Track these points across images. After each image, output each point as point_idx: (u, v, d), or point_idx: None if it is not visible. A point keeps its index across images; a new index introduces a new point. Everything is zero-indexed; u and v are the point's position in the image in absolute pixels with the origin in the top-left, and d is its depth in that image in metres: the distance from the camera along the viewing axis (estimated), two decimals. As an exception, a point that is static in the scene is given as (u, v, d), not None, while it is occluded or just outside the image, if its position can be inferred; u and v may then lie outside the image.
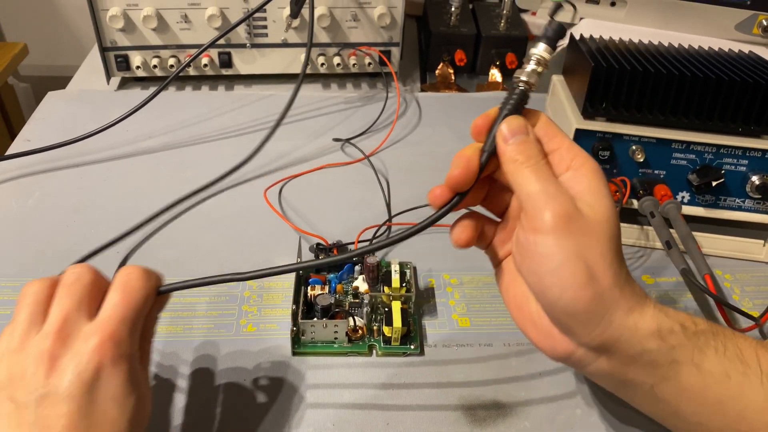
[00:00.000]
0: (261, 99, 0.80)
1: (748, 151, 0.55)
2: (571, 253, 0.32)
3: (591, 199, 0.34)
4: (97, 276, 0.35)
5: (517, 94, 0.35)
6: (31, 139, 0.70)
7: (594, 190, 0.34)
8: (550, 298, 0.33)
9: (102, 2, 0.74)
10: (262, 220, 0.60)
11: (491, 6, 0.94)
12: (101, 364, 0.31)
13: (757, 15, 0.71)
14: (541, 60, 0.35)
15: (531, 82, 0.35)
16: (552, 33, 0.35)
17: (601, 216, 0.33)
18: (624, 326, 0.33)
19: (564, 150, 0.35)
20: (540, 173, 0.34)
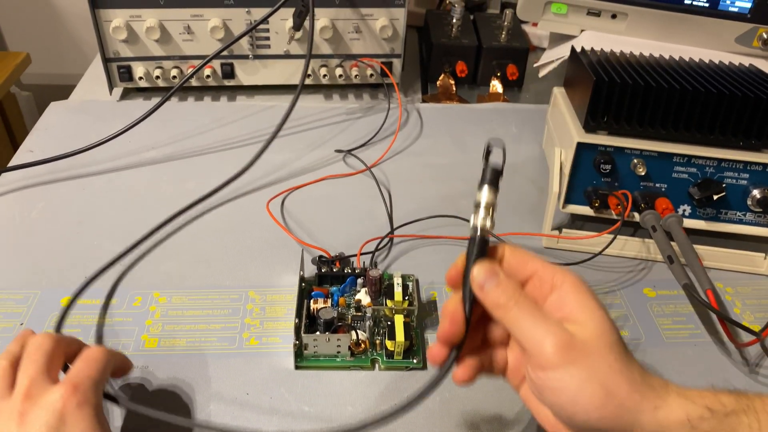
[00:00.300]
0: (263, 110, 0.80)
1: (749, 164, 0.55)
2: (583, 378, 0.33)
3: (583, 317, 0.34)
4: (57, 343, 0.39)
5: (478, 242, 0.36)
6: (34, 150, 0.71)
7: (582, 306, 0.35)
8: (578, 423, 0.34)
9: (105, 13, 0.74)
10: (265, 231, 0.60)
11: (492, 17, 0.94)
12: (65, 410, 0.35)
13: (757, 28, 0.71)
14: (489, 205, 0.36)
15: (487, 229, 0.36)
16: (491, 176, 0.37)
17: (596, 330, 0.34)
18: (654, 424, 0.33)
19: (541, 272, 0.36)
20: (526, 311, 0.34)
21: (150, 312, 0.52)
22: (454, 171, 0.71)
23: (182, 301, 0.53)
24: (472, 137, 0.77)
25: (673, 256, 0.53)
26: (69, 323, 0.50)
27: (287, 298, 0.53)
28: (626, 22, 0.74)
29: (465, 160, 0.73)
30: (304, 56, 0.80)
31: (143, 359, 0.48)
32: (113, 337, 0.49)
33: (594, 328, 0.34)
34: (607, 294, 0.56)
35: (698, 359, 0.50)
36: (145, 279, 0.55)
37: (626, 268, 0.59)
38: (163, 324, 0.51)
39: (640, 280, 0.58)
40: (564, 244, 0.60)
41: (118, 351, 0.42)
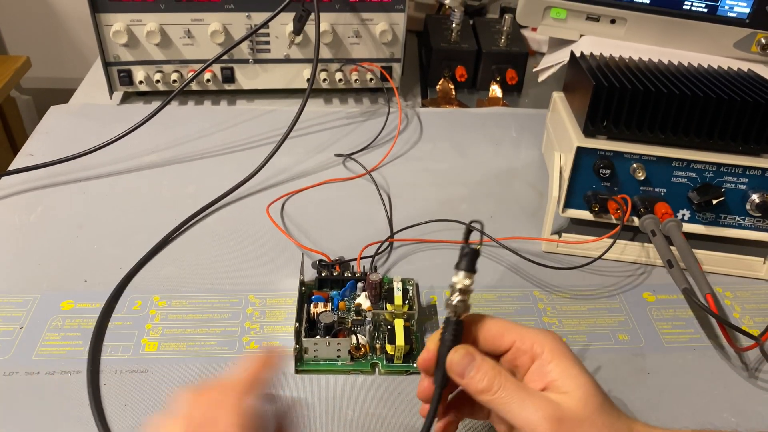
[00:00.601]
0: (263, 114, 0.80)
1: (748, 169, 0.55)
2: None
3: (567, 385, 0.35)
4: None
5: (452, 326, 0.36)
6: (34, 154, 0.71)
7: (565, 373, 0.35)
8: None
9: (106, 17, 0.74)
10: (265, 235, 0.60)
11: (492, 22, 0.94)
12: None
13: (755, 33, 0.71)
14: (464, 289, 0.36)
15: (460, 312, 0.36)
16: (468, 261, 0.36)
17: (583, 396, 0.34)
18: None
19: (519, 342, 0.36)
20: (511, 392, 0.34)
21: (150, 316, 0.52)
22: (454, 175, 0.71)
23: (182, 305, 0.53)
24: (471, 142, 0.77)
25: (673, 261, 0.53)
26: (69, 327, 0.50)
27: (287, 302, 0.53)
28: (625, 27, 0.74)
29: (465, 164, 0.73)
30: (305, 61, 0.81)
31: (143, 363, 0.48)
32: (113, 341, 0.49)
33: (581, 395, 0.34)
34: (606, 298, 0.56)
35: (698, 364, 0.50)
36: (145, 283, 0.55)
37: (626, 272, 0.59)
38: (163, 328, 0.51)
39: (639, 285, 0.58)
40: (563, 248, 0.60)
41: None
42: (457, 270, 0.36)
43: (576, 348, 0.51)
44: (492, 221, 0.64)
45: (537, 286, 0.57)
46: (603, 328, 0.53)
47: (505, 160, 0.74)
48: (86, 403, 0.44)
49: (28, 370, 0.47)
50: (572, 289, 0.57)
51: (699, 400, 0.47)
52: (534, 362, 0.36)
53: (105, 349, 0.49)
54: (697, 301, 0.50)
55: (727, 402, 0.47)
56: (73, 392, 0.45)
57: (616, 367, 0.50)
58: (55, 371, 0.47)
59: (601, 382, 0.36)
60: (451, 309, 0.36)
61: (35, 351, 0.48)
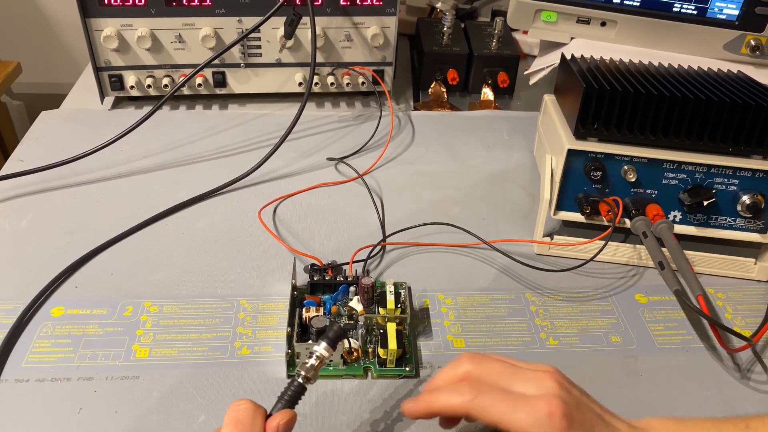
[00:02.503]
0: (255, 118, 0.80)
1: (738, 170, 0.56)
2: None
3: None
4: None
5: (295, 386, 0.38)
6: (25, 160, 0.70)
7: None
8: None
9: (96, 22, 0.74)
10: (256, 240, 0.60)
11: (483, 25, 0.94)
12: None
13: (745, 35, 0.72)
14: (321, 358, 0.39)
15: (309, 377, 0.38)
16: (333, 335, 0.39)
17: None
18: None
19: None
20: (492, 395, 0.37)
21: (141, 322, 0.51)
22: (446, 178, 0.71)
23: (174, 311, 0.53)
24: (463, 145, 0.77)
25: (664, 262, 0.53)
26: (59, 333, 0.50)
27: (279, 306, 0.53)
28: (616, 30, 0.74)
29: (457, 167, 0.73)
30: (296, 65, 0.80)
31: (134, 369, 0.47)
32: (104, 347, 0.49)
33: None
34: (598, 300, 0.56)
35: (690, 365, 0.50)
36: (136, 288, 0.55)
37: (618, 274, 0.59)
38: (154, 334, 0.50)
39: (631, 286, 0.58)
40: (555, 250, 0.60)
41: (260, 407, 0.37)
42: (321, 340, 0.39)
43: (568, 350, 0.51)
44: (484, 224, 0.64)
45: (529, 288, 0.57)
46: (595, 330, 0.53)
47: (496, 163, 0.74)
48: (77, 410, 0.44)
49: (18, 377, 0.46)
50: (564, 291, 0.57)
51: (691, 401, 0.47)
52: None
53: (96, 356, 0.48)
54: (688, 302, 0.50)
55: (719, 403, 0.47)
56: (63, 400, 0.45)
57: (608, 369, 0.50)
58: (45, 378, 0.46)
59: (594, 384, 0.36)
60: (304, 371, 0.38)
61: (25, 358, 0.48)
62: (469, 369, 0.39)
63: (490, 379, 0.38)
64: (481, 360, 0.39)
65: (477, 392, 0.37)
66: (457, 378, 0.39)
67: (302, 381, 0.38)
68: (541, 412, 0.35)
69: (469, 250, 0.61)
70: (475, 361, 0.39)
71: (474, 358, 0.39)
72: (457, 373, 0.39)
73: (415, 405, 0.39)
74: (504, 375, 0.38)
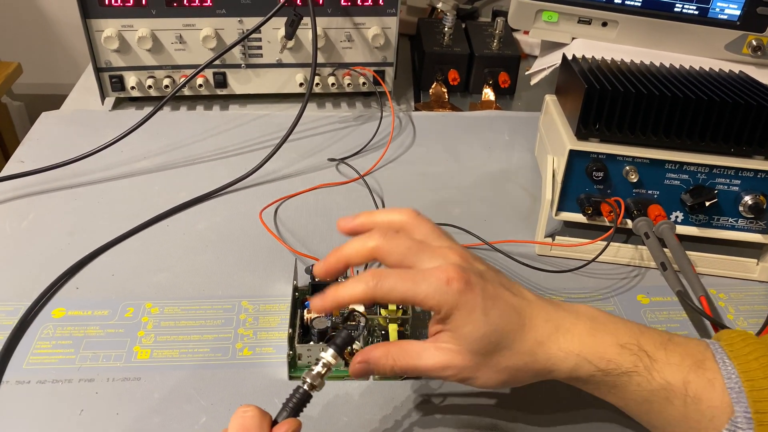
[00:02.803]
0: (256, 119, 0.80)
1: (740, 171, 0.56)
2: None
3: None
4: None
5: (300, 394, 0.37)
6: (25, 161, 0.70)
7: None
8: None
9: (97, 23, 0.74)
10: (258, 241, 0.60)
11: (484, 25, 0.94)
12: None
13: (746, 35, 0.72)
14: (328, 365, 0.38)
15: (315, 384, 0.38)
16: (341, 341, 0.39)
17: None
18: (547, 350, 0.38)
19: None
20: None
21: (142, 323, 0.51)
22: (447, 179, 0.71)
23: (175, 312, 0.52)
24: (464, 145, 0.77)
25: (666, 263, 0.53)
26: (60, 335, 0.50)
27: (281, 308, 0.53)
28: (617, 30, 0.74)
29: (458, 168, 0.73)
30: (297, 65, 0.80)
31: (135, 371, 0.47)
32: (105, 348, 0.49)
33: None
34: (600, 301, 0.56)
35: (692, 366, 0.50)
36: (138, 290, 0.54)
37: (620, 275, 0.59)
38: (155, 335, 0.50)
39: (633, 287, 0.58)
40: (557, 251, 0.60)
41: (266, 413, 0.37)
42: (328, 346, 0.39)
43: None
44: (485, 224, 0.64)
45: (531, 289, 0.57)
46: (597, 331, 0.53)
47: (498, 164, 0.74)
48: (78, 412, 0.44)
49: (19, 379, 0.46)
50: (566, 292, 0.57)
51: (694, 402, 0.47)
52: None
53: (97, 357, 0.48)
54: (691, 303, 0.50)
55: (721, 404, 0.47)
56: (64, 401, 0.45)
57: (610, 370, 0.49)
58: (46, 380, 0.46)
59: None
60: (309, 378, 0.38)
61: (26, 360, 0.48)
62: (378, 243, 0.39)
63: (395, 257, 0.39)
64: (392, 237, 0.40)
65: (378, 278, 0.38)
66: (366, 250, 0.40)
67: (307, 388, 0.38)
68: (440, 280, 0.37)
69: (470, 250, 0.60)
70: (386, 236, 0.40)
71: (385, 233, 0.40)
72: (367, 245, 0.40)
73: (322, 301, 0.39)
74: (410, 251, 0.39)
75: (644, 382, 0.37)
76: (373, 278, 0.38)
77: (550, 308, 0.40)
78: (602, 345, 0.38)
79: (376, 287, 0.38)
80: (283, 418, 0.36)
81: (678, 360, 0.38)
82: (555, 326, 0.39)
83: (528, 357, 0.38)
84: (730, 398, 0.36)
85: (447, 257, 0.39)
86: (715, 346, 0.39)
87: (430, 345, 0.39)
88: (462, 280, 0.37)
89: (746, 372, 0.37)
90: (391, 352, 0.39)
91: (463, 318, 0.37)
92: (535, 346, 0.38)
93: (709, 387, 0.37)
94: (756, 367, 0.37)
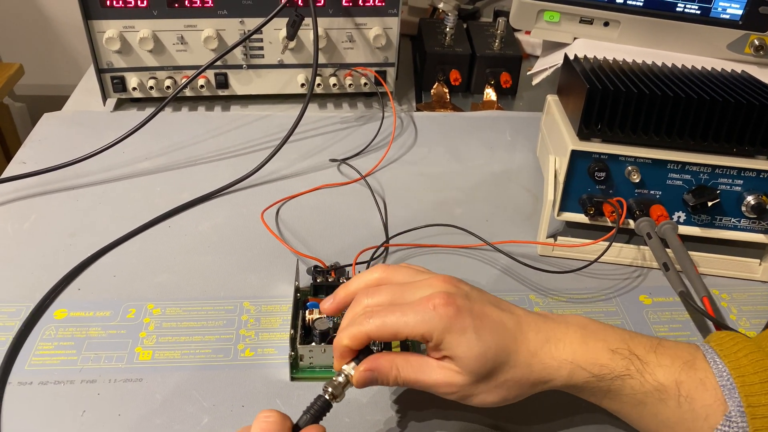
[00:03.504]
0: (257, 119, 0.80)
1: (743, 171, 0.55)
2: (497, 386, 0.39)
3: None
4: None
5: (321, 402, 0.38)
6: (27, 162, 0.70)
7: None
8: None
9: (98, 24, 0.74)
10: (259, 241, 0.60)
11: (485, 26, 0.94)
12: None
13: (749, 35, 0.72)
14: (349, 377, 0.40)
15: (336, 394, 0.39)
16: (362, 356, 0.40)
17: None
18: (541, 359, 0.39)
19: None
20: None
21: (144, 324, 0.51)
22: (449, 179, 0.71)
23: (176, 313, 0.52)
24: (466, 145, 0.77)
25: (669, 264, 0.53)
26: (62, 336, 0.50)
27: (282, 308, 0.53)
28: (619, 30, 0.74)
29: (459, 168, 0.73)
30: (298, 66, 0.80)
31: (137, 372, 0.47)
32: (107, 349, 0.49)
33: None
34: (603, 302, 0.56)
35: (695, 366, 0.50)
36: (139, 291, 0.54)
37: (622, 275, 0.59)
38: (157, 336, 0.50)
39: (635, 288, 0.58)
40: (559, 251, 0.60)
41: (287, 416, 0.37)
42: (351, 361, 0.40)
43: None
44: (487, 225, 0.64)
45: (533, 289, 0.57)
46: (600, 332, 0.53)
47: (499, 164, 0.74)
48: (80, 413, 0.44)
49: (21, 380, 0.46)
50: (568, 293, 0.56)
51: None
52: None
53: (99, 359, 0.48)
54: (693, 303, 0.50)
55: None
56: (66, 403, 0.45)
57: (613, 371, 0.49)
58: (48, 381, 0.46)
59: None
60: (331, 387, 0.38)
61: (28, 361, 0.48)
62: (366, 303, 0.41)
63: (386, 296, 0.40)
64: (373, 292, 0.41)
65: (368, 317, 0.39)
66: (373, 281, 0.42)
67: (329, 398, 0.38)
68: (426, 308, 0.38)
69: (472, 251, 0.60)
70: (368, 295, 0.41)
71: (367, 293, 0.41)
72: (356, 311, 0.41)
73: (334, 354, 0.41)
74: (394, 295, 0.40)
75: (637, 384, 0.38)
76: (363, 319, 0.39)
77: (539, 321, 0.40)
78: (594, 351, 0.39)
79: (368, 327, 0.39)
80: (304, 423, 0.37)
81: (669, 362, 0.39)
82: (546, 337, 0.39)
83: (524, 369, 0.39)
84: (723, 395, 0.37)
85: (432, 286, 0.39)
86: (705, 347, 0.40)
87: (433, 361, 0.39)
88: (448, 304, 0.38)
89: (737, 368, 0.37)
90: (396, 362, 0.40)
91: (455, 340, 0.37)
92: (529, 358, 0.39)
93: (701, 386, 0.37)
94: (746, 363, 0.37)
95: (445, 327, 0.37)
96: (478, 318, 0.38)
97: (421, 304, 0.38)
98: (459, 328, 0.37)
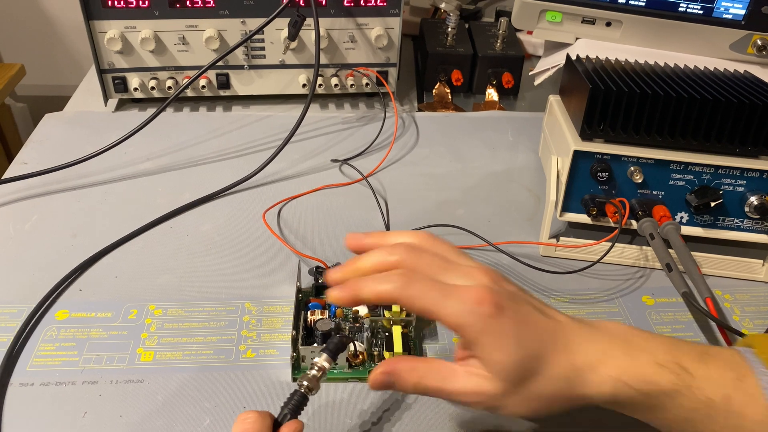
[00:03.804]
0: (259, 120, 0.80)
1: (745, 171, 0.55)
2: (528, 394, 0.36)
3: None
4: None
5: (298, 397, 0.37)
6: (28, 162, 0.70)
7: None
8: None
9: (100, 24, 0.74)
10: (261, 242, 0.60)
11: (487, 26, 0.94)
12: None
13: (751, 35, 0.71)
14: (322, 369, 0.39)
15: (311, 387, 0.38)
16: (333, 347, 0.39)
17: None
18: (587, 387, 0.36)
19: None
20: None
21: (145, 325, 0.51)
22: (451, 180, 0.71)
23: (178, 314, 0.52)
24: (468, 146, 0.77)
25: (672, 264, 0.53)
26: (63, 337, 0.50)
27: (284, 309, 0.53)
28: (621, 30, 0.74)
29: (461, 168, 0.73)
30: (300, 66, 0.80)
31: (139, 373, 0.47)
32: (108, 350, 0.49)
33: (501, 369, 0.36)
34: (605, 302, 0.56)
35: (698, 367, 0.50)
36: (141, 291, 0.54)
37: (624, 275, 0.59)
38: (158, 337, 0.50)
39: (638, 288, 0.57)
40: (561, 252, 0.60)
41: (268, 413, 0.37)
42: (322, 352, 0.39)
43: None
44: (489, 225, 0.64)
45: (535, 290, 0.56)
46: (602, 333, 0.53)
47: (501, 164, 0.74)
48: (81, 414, 0.44)
49: (23, 381, 0.46)
50: (571, 293, 0.56)
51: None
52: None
53: (100, 359, 0.48)
54: (696, 304, 0.50)
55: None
56: (67, 404, 0.45)
57: (616, 372, 0.49)
58: (49, 382, 0.46)
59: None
60: (306, 381, 0.38)
61: (29, 362, 0.48)
62: (401, 258, 0.37)
63: (422, 270, 0.36)
64: (416, 251, 0.37)
65: (407, 280, 0.35)
66: (388, 264, 0.37)
67: (304, 392, 0.38)
68: (471, 300, 0.35)
69: (474, 251, 0.60)
70: (409, 251, 0.37)
71: (409, 247, 0.38)
72: (388, 259, 0.37)
73: (341, 292, 0.37)
74: (436, 268, 0.37)
75: (686, 401, 0.35)
76: (400, 279, 0.35)
77: (584, 330, 0.37)
78: (640, 366, 0.36)
79: (402, 290, 0.35)
80: (284, 419, 0.36)
81: (718, 374, 0.36)
82: (589, 349, 0.36)
83: (563, 383, 0.35)
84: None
85: (476, 278, 0.36)
86: (749, 354, 0.37)
87: (460, 368, 0.36)
88: (492, 303, 0.34)
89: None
90: (418, 368, 0.37)
91: (492, 344, 0.35)
92: (570, 372, 0.35)
93: (752, 402, 0.35)
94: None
95: (483, 327, 0.34)
96: (523, 323, 0.35)
97: (466, 293, 0.35)
98: (498, 332, 0.35)
